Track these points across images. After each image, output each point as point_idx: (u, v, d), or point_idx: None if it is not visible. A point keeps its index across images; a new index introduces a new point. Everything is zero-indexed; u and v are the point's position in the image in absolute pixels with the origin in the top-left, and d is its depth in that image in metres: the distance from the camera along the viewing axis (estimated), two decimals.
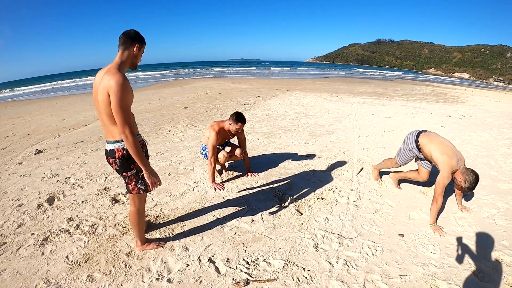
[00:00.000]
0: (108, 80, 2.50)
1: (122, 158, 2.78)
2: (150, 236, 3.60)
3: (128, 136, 2.58)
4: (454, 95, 22.63)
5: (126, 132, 2.57)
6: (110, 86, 2.48)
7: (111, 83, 2.48)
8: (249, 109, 12.41)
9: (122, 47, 2.70)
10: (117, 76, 2.51)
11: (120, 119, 2.53)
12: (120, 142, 2.74)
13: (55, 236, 3.63)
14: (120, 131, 2.58)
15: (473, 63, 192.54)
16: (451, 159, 3.75)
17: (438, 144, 3.97)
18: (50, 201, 4.57)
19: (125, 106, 2.55)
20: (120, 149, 2.76)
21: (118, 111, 2.51)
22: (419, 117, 11.30)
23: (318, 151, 6.76)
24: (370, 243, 3.52)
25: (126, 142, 2.61)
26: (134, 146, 2.63)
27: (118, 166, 2.82)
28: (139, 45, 2.74)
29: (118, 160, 2.79)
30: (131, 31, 2.74)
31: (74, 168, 5.93)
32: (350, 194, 4.71)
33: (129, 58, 2.73)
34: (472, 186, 3.70)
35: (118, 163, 2.80)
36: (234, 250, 3.37)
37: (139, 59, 2.83)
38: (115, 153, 2.77)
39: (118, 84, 2.48)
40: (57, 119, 12.39)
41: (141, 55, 2.83)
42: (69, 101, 19.38)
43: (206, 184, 5.02)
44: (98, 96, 2.62)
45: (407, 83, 38.44)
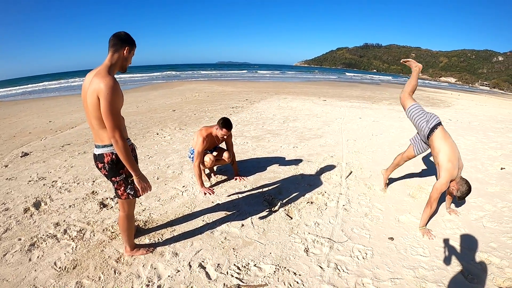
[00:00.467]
0: (98, 83, 2.46)
1: (111, 162, 2.74)
2: (139, 241, 3.55)
3: (119, 140, 2.54)
4: (440, 99, 22.90)
5: (116, 137, 2.53)
6: (100, 89, 2.44)
7: (101, 86, 2.44)
8: (237, 112, 12.38)
9: (112, 49, 2.65)
10: (107, 79, 2.47)
11: (110, 123, 2.49)
12: (109, 147, 2.70)
13: (42, 241, 3.56)
14: (110, 136, 2.54)
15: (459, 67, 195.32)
16: (454, 169, 3.74)
17: (450, 146, 3.85)
18: (37, 205, 4.48)
19: (115, 110, 2.51)
20: (109, 154, 2.72)
21: (108, 115, 2.47)
22: (406, 120, 11.28)
23: (307, 155, 6.77)
24: (361, 247, 3.53)
25: (116, 146, 2.57)
26: (124, 151, 2.59)
27: (107, 171, 2.78)
28: (129, 47, 2.71)
29: (107, 165, 2.74)
30: (122, 33, 2.70)
31: (61, 172, 5.85)
32: (340, 198, 4.73)
33: (119, 60, 2.69)
34: (463, 196, 3.78)
35: (107, 168, 2.76)
36: (225, 255, 3.34)
37: (129, 61, 2.80)
38: (104, 158, 2.73)
39: (108, 87, 2.44)
40: (44, 120, 12.20)
41: (131, 57, 2.80)
42: (56, 103, 19.11)
43: (195, 188, 4.98)
44: (87, 99, 2.56)
45: (394, 86, 38.77)
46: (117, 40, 2.65)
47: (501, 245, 3.62)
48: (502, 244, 3.64)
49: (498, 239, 3.74)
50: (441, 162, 3.81)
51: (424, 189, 5.11)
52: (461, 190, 3.75)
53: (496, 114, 15.20)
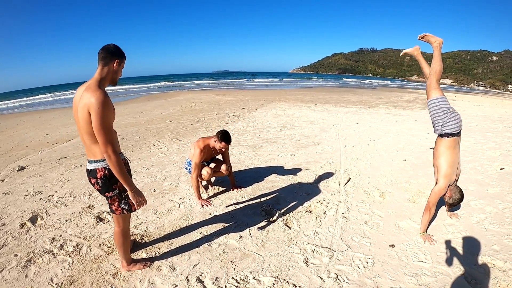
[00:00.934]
0: (88, 98, 2.42)
1: (104, 178, 2.69)
2: (136, 255, 3.50)
3: (111, 155, 2.51)
4: None
5: (109, 152, 2.49)
6: (91, 104, 2.40)
7: (92, 101, 2.40)
8: (234, 121, 12.36)
9: (101, 62, 2.61)
10: (97, 93, 2.43)
11: (102, 138, 2.46)
12: (101, 162, 2.66)
13: (39, 257, 3.51)
14: (102, 151, 2.51)
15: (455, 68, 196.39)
16: (452, 175, 3.73)
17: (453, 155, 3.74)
18: (33, 220, 4.43)
19: (107, 124, 2.47)
20: (102, 169, 2.68)
21: (100, 130, 2.44)
22: (404, 124, 11.40)
23: (305, 163, 6.74)
24: (361, 256, 3.48)
25: (109, 161, 2.53)
26: (117, 166, 2.55)
27: (100, 186, 2.73)
28: (119, 60, 2.67)
29: (100, 180, 2.70)
30: (111, 45, 2.66)
31: (58, 185, 5.80)
32: (339, 205, 4.68)
33: (109, 74, 2.65)
34: (454, 204, 3.82)
35: (100, 183, 2.71)
36: (223, 268, 3.29)
37: (119, 74, 2.75)
38: (97, 173, 2.69)
39: (99, 102, 2.40)
40: (40, 133, 12.17)
41: (121, 70, 2.76)
42: (53, 115, 19.08)
43: (192, 200, 4.92)
44: (78, 114, 2.52)
45: (390, 90, 38.93)
46: (106, 53, 2.61)
47: (504, 248, 3.58)
48: (505, 247, 3.60)
49: (501, 242, 3.70)
50: (441, 166, 3.77)
51: (423, 193, 5.07)
52: (454, 198, 3.74)
53: (493, 114, 15.26)
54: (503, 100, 30.15)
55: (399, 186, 5.41)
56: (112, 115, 2.56)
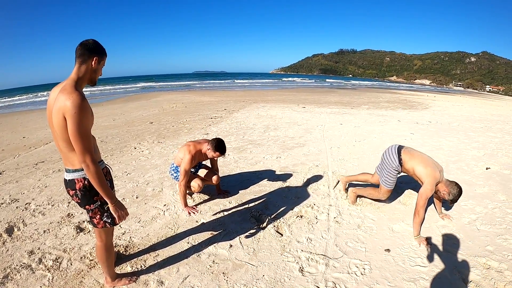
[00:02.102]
0: (63, 101, 2.17)
1: (84, 189, 2.45)
2: (121, 269, 3.28)
3: (90, 165, 2.27)
4: (417, 101, 23.22)
5: (87, 161, 2.26)
6: (66, 108, 2.15)
7: (67, 104, 2.15)
8: (217, 122, 12.18)
9: (79, 60, 2.35)
10: (74, 96, 2.17)
11: (79, 147, 2.23)
12: (80, 171, 2.41)
13: (16, 272, 3.26)
14: (80, 160, 2.27)
15: (433, 69, 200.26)
16: (435, 171, 3.75)
17: (420, 158, 3.96)
18: (10, 231, 4.16)
19: (84, 131, 2.23)
20: (81, 179, 2.43)
21: (77, 138, 2.20)
22: (387, 125, 11.42)
23: (292, 165, 6.61)
24: (357, 262, 3.38)
25: (87, 172, 2.29)
26: (96, 177, 2.31)
27: (79, 198, 2.48)
28: (98, 57, 2.40)
29: (79, 191, 2.45)
30: (90, 41, 2.39)
31: (35, 192, 5.53)
32: (330, 210, 4.56)
33: (87, 73, 2.39)
34: (456, 198, 3.75)
35: (80, 195, 2.46)
36: (214, 281, 3.10)
37: (98, 73, 2.49)
38: (75, 184, 2.44)
39: (75, 106, 2.16)
40: (17, 136, 11.78)
41: (101, 68, 2.49)
42: (30, 117, 18.57)
43: (177, 206, 4.72)
44: (52, 118, 2.27)
45: (371, 91, 39.32)
46: (84, 49, 2.35)
47: (498, 248, 3.60)
48: (499, 247, 3.62)
49: (494, 242, 3.72)
50: (419, 172, 3.84)
51: (414, 195, 5.00)
52: (453, 193, 3.72)
53: (473, 114, 15.54)
54: (481, 100, 30.85)
55: None
56: (90, 120, 2.32)
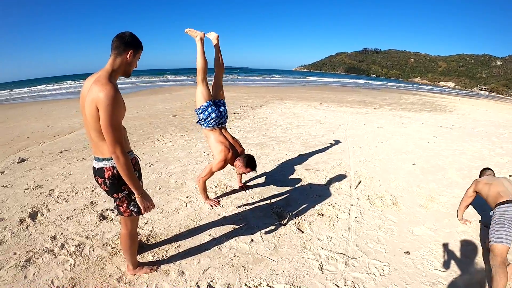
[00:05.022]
0: (97, 92, 2.20)
1: (113, 178, 2.48)
2: (142, 258, 3.33)
3: (120, 156, 2.30)
4: (441, 104, 22.82)
5: (117, 152, 2.29)
6: (99, 100, 2.18)
7: (100, 96, 2.18)
8: (239, 118, 12.20)
9: (114, 52, 2.37)
10: (107, 88, 2.20)
11: (110, 138, 2.25)
12: (109, 160, 2.44)
13: (39, 256, 3.33)
14: (110, 151, 2.30)
15: (458, 72, 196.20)
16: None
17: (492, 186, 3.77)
18: (33, 216, 4.25)
19: (116, 122, 2.26)
20: (110, 168, 2.46)
21: (108, 129, 2.23)
22: (410, 127, 11.26)
23: (314, 163, 6.57)
24: (377, 263, 3.35)
25: (117, 163, 2.32)
26: (126, 168, 2.35)
27: (108, 187, 2.52)
28: (133, 51, 2.42)
29: (107, 180, 2.48)
30: (126, 34, 2.41)
31: (59, 179, 5.63)
32: (351, 209, 4.52)
33: (122, 65, 2.41)
34: None
35: (108, 183, 2.49)
36: (235, 274, 3.12)
37: (133, 66, 2.51)
38: (105, 173, 2.47)
39: (108, 98, 2.18)
40: (42, 125, 11.99)
41: (136, 62, 2.52)
42: (55, 107, 18.89)
43: (199, 199, 4.74)
44: (85, 108, 2.30)
45: (394, 92, 38.80)
46: (120, 42, 2.37)
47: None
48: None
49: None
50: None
51: (435, 199, 4.95)
52: None
53: (498, 119, 15.18)
54: (506, 106, 30.05)
55: (410, 191, 5.27)
56: (122, 113, 2.34)
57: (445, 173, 6.11)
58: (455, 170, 6.32)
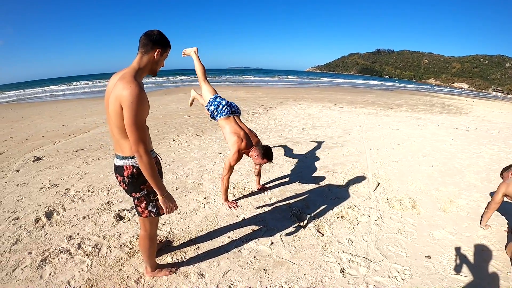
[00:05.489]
0: (121, 90, 2.16)
1: (132, 176, 2.43)
2: (161, 260, 3.28)
3: (143, 155, 2.25)
4: (456, 105, 22.50)
5: (140, 151, 2.24)
6: (124, 98, 2.15)
7: (125, 94, 2.15)
8: (254, 119, 12.15)
9: (141, 50, 2.36)
10: (132, 86, 2.16)
11: (134, 136, 2.21)
12: (130, 159, 2.40)
13: (55, 256, 3.31)
14: (133, 149, 2.26)
15: (472, 73, 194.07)
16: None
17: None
18: (49, 215, 4.26)
19: (139, 121, 2.22)
20: (130, 167, 2.41)
21: (132, 128, 2.19)
22: (426, 129, 11.08)
23: (331, 165, 6.48)
24: (398, 267, 3.27)
25: (140, 162, 2.28)
26: (149, 167, 2.30)
27: (126, 185, 2.48)
28: (161, 49, 2.40)
29: (126, 178, 2.44)
30: (154, 32, 2.38)
31: (74, 179, 5.63)
32: (370, 212, 4.44)
33: (148, 64, 2.39)
34: None
35: (127, 182, 2.45)
36: (255, 277, 3.06)
37: (160, 65, 2.49)
38: (124, 171, 2.43)
39: (133, 96, 2.14)
40: (57, 124, 12.11)
41: (163, 60, 2.49)
42: (69, 106, 19.10)
43: (217, 200, 4.70)
44: (109, 105, 2.27)
45: (408, 93, 38.44)
46: (148, 40, 2.34)
47: None
48: None
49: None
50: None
51: (454, 202, 4.83)
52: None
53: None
54: None
55: (428, 194, 5.15)
56: (146, 111, 2.30)
57: (463, 176, 5.98)
58: (473, 173, 6.18)
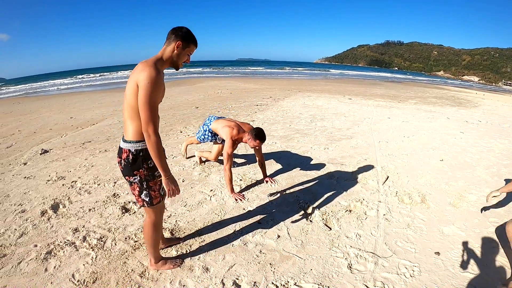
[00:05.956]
0: (139, 71, 2.30)
1: (127, 160, 2.47)
2: (166, 253, 3.26)
3: (151, 135, 2.33)
4: (466, 98, 22.21)
5: (149, 131, 2.32)
6: (140, 78, 2.27)
7: (142, 75, 2.27)
8: (262, 110, 12.07)
9: (166, 41, 2.50)
10: (150, 69, 2.29)
11: (145, 115, 2.29)
12: (129, 143, 2.45)
13: (60, 249, 3.30)
14: (143, 128, 2.33)
15: (483, 66, 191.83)
16: None
17: None
18: (55, 207, 4.25)
19: (153, 102, 2.31)
20: (127, 150, 2.46)
21: (145, 106, 2.28)
22: (436, 121, 10.93)
23: (340, 157, 6.41)
24: (407, 263, 3.19)
25: (147, 141, 2.34)
26: (156, 147, 2.37)
27: (122, 167, 2.53)
28: (182, 43, 2.49)
29: (122, 161, 2.49)
30: (181, 27, 2.52)
31: (81, 171, 5.62)
32: (379, 206, 4.36)
33: (169, 55, 2.50)
34: None
35: (123, 164, 2.50)
36: (261, 271, 3.02)
37: (182, 59, 2.58)
38: (122, 153, 2.49)
39: (149, 77, 2.26)
40: (64, 116, 12.16)
41: (185, 55, 2.58)
42: (77, 99, 19.17)
43: (224, 192, 4.66)
44: (127, 84, 2.40)
45: (417, 85, 38.04)
46: (172, 33, 2.49)
47: None
48: None
49: None
50: None
51: (464, 197, 4.73)
52: None
53: None
54: None
55: (438, 188, 5.06)
56: (160, 94, 2.42)
57: (474, 171, 5.87)
58: (484, 168, 6.06)
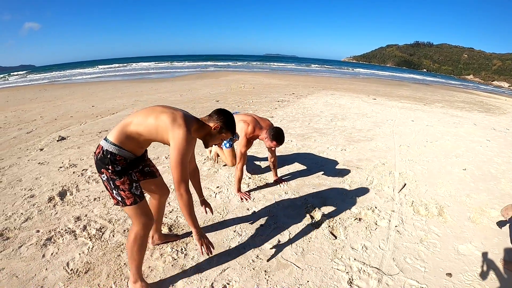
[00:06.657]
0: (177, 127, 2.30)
1: (97, 157, 2.37)
2: (161, 249, 3.22)
3: (183, 194, 2.37)
4: (495, 105, 21.45)
5: (182, 190, 2.36)
6: (176, 136, 2.28)
7: (178, 133, 2.28)
8: (283, 106, 11.94)
9: (208, 116, 2.60)
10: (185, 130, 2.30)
11: (178, 175, 2.32)
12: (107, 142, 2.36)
13: (60, 236, 3.38)
14: (175, 187, 2.37)
15: None
16: None
17: None
18: (62, 194, 4.33)
19: (185, 161, 2.32)
20: (101, 147, 2.37)
21: (178, 167, 2.30)
22: (462, 127, 10.53)
23: (356, 160, 6.20)
24: (414, 283, 2.93)
25: (180, 200, 2.38)
26: (187, 206, 2.41)
27: (95, 161, 2.42)
28: (221, 127, 2.56)
29: (95, 156, 2.41)
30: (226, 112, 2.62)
31: (93, 159, 5.61)
32: (392, 216, 4.12)
33: (204, 130, 2.57)
34: None
35: (94, 160, 2.43)
36: (254, 278, 2.88)
37: (214, 141, 2.66)
38: (97, 148, 2.41)
39: (184, 138, 2.28)
40: (87, 105, 12.39)
41: (219, 140, 2.66)
42: (102, 88, 19.48)
43: (230, 190, 4.56)
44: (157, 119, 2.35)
45: (445, 88, 37.10)
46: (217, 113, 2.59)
47: None
48: None
49: None
50: None
51: (485, 212, 4.37)
52: None
53: None
54: None
55: (458, 200, 4.74)
56: (191, 151, 2.47)
57: (498, 183, 5.51)
58: (509, 180, 5.68)
